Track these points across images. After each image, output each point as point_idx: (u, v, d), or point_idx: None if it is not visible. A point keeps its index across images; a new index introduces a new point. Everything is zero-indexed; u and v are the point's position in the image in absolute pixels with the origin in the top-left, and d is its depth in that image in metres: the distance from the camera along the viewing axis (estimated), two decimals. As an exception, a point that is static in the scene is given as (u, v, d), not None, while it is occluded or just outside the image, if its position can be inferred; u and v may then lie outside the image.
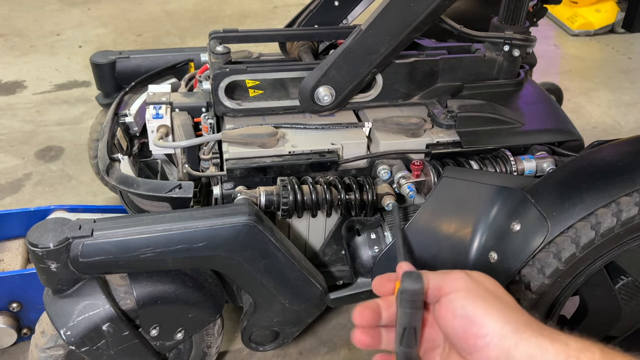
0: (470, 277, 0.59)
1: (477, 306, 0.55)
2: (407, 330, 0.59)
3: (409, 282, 0.59)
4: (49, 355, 1.00)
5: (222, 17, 3.15)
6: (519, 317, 0.54)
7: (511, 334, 0.53)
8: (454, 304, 0.57)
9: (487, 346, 0.53)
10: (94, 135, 1.51)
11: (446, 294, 0.58)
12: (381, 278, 0.67)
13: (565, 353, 0.50)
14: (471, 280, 0.59)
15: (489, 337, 0.53)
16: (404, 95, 1.21)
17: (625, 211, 0.88)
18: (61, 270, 0.90)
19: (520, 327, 0.53)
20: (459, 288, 0.58)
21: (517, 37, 1.20)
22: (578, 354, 0.50)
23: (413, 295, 0.58)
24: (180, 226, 0.93)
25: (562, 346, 0.51)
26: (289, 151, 1.10)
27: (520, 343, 0.52)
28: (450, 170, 1.05)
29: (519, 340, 0.52)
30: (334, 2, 1.35)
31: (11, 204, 1.75)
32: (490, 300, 0.56)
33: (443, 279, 0.59)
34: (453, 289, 0.58)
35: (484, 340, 0.54)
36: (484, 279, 0.60)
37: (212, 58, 1.18)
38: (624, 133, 2.20)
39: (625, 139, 1.02)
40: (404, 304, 0.59)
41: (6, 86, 2.39)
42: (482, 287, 0.58)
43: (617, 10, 2.97)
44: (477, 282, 0.59)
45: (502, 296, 0.58)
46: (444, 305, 0.58)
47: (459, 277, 0.59)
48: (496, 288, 0.59)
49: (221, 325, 1.15)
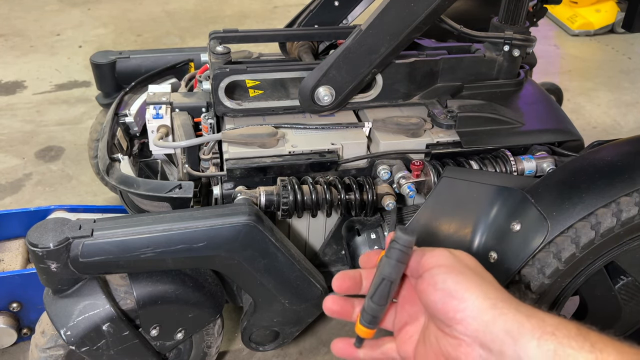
0: (452, 254, 0.61)
1: (458, 281, 0.57)
2: (384, 282, 0.61)
3: (402, 232, 0.60)
4: (49, 355, 1.00)
5: (222, 17, 3.15)
6: (498, 293, 0.56)
7: (489, 309, 0.54)
8: (435, 278, 0.58)
9: (465, 319, 0.55)
10: (94, 135, 1.51)
11: (429, 269, 0.60)
12: (369, 253, 0.69)
13: (542, 329, 0.51)
14: (453, 257, 0.60)
15: (467, 310, 0.55)
16: (404, 95, 1.21)
17: (625, 211, 0.88)
18: (61, 270, 0.90)
19: (499, 302, 0.54)
20: (441, 263, 0.59)
21: (517, 37, 1.20)
22: (554, 330, 0.51)
23: (404, 246, 0.60)
24: (180, 226, 0.93)
25: (538, 322, 0.52)
26: (289, 151, 1.10)
27: (498, 318, 0.53)
28: (450, 170, 1.05)
29: (497, 315, 0.53)
30: (334, 2, 1.35)
31: (11, 204, 1.75)
32: (470, 277, 0.57)
33: (426, 254, 0.61)
34: (435, 264, 0.60)
35: (463, 314, 0.55)
36: (465, 257, 0.62)
37: (212, 58, 1.18)
38: (624, 133, 2.20)
39: (625, 139, 1.02)
40: (392, 253, 0.60)
41: (6, 86, 2.39)
42: (464, 264, 0.60)
43: (617, 10, 2.97)
44: (459, 259, 0.60)
45: (482, 274, 0.60)
46: (426, 279, 0.59)
47: (441, 254, 0.61)
48: (477, 266, 0.61)
49: (221, 325, 1.15)
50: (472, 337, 0.54)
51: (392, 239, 0.61)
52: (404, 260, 0.61)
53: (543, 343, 0.50)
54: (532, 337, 0.51)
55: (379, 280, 0.61)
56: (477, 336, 0.54)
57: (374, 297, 0.61)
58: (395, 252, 0.60)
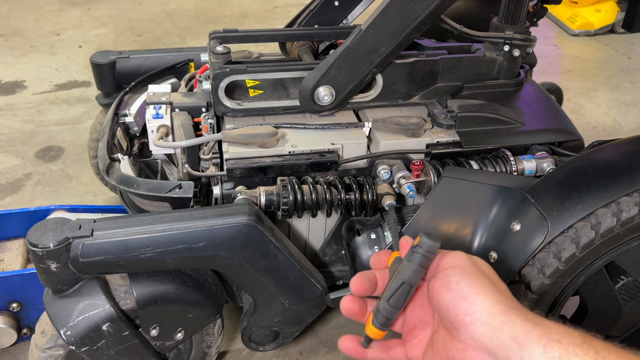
0: (469, 257, 0.62)
1: (471, 284, 0.58)
2: (404, 285, 0.61)
3: (428, 237, 0.60)
4: (49, 355, 1.00)
5: (222, 17, 3.15)
6: (509, 301, 0.57)
7: (499, 314, 0.55)
8: (449, 279, 0.59)
9: (474, 323, 0.55)
10: (94, 135, 1.51)
11: (444, 269, 0.60)
12: (379, 254, 0.70)
13: (548, 336, 0.52)
14: (469, 260, 0.61)
15: (477, 314, 0.55)
16: (404, 95, 1.21)
17: (625, 211, 0.88)
18: (61, 270, 0.90)
19: (509, 309, 0.55)
20: (457, 265, 0.60)
21: (517, 37, 1.20)
22: (560, 337, 0.52)
23: (427, 251, 0.60)
24: (180, 226, 0.93)
25: (544, 329, 0.53)
26: (289, 151, 1.10)
27: (506, 324, 0.54)
28: (450, 170, 1.05)
29: (505, 322, 0.54)
30: (334, 2, 1.35)
31: (11, 204, 1.75)
32: (484, 282, 0.58)
33: (443, 255, 0.62)
34: (451, 265, 0.60)
35: (473, 317, 0.56)
36: (481, 263, 0.62)
37: (212, 58, 1.18)
38: (624, 133, 2.20)
39: (625, 139, 1.02)
40: (414, 258, 0.60)
41: (6, 86, 2.39)
42: (479, 269, 0.60)
43: (617, 10, 2.97)
44: (475, 264, 0.61)
45: (496, 281, 0.60)
46: (440, 278, 0.60)
47: (458, 256, 0.61)
48: (492, 274, 0.62)
49: (221, 325, 1.15)
50: (479, 342, 0.55)
51: (416, 243, 0.61)
52: (425, 265, 0.61)
53: (549, 350, 0.51)
54: (538, 344, 0.51)
55: (398, 284, 0.61)
56: (484, 341, 0.54)
57: (390, 300, 0.61)
58: (419, 256, 0.60)
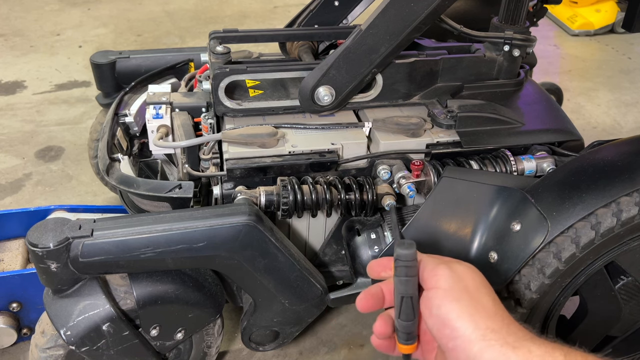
0: (453, 276, 0.61)
1: (451, 309, 0.58)
2: (405, 299, 0.61)
3: (401, 248, 0.61)
4: (49, 355, 1.00)
5: (222, 17, 3.15)
6: (489, 322, 0.57)
7: (478, 340, 0.56)
8: (431, 302, 0.60)
9: (455, 349, 0.57)
10: (94, 135, 1.51)
11: (428, 289, 0.61)
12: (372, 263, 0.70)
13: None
14: (452, 279, 0.61)
15: (458, 340, 0.57)
16: (404, 95, 1.21)
17: (625, 211, 0.88)
18: (61, 270, 0.90)
19: (489, 333, 0.56)
20: (439, 286, 0.60)
21: (517, 37, 1.20)
22: None
23: (406, 261, 0.60)
24: (180, 226, 0.93)
25: (525, 353, 0.54)
26: (289, 151, 1.10)
27: (486, 350, 0.55)
28: (450, 170, 1.05)
29: (485, 347, 0.55)
30: (334, 2, 1.35)
31: (11, 204, 1.75)
32: (464, 304, 0.58)
33: (431, 271, 0.62)
34: (434, 285, 0.61)
35: (454, 343, 0.57)
36: (466, 275, 0.62)
37: (212, 58, 1.18)
38: (624, 133, 2.20)
39: (625, 139, 1.02)
40: (399, 271, 0.61)
41: (6, 86, 2.39)
42: (462, 287, 0.60)
43: (617, 10, 2.97)
44: (460, 280, 0.61)
45: (480, 297, 0.60)
46: (424, 301, 0.61)
47: (442, 275, 0.61)
48: (476, 287, 0.61)
49: (221, 325, 1.15)
50: None
51: (394, 257, 0.62)
52: (413, 274, 0.61)
53: None
54: None
55: (399, 300, 0.62)
56: None
57: (401, 316, 0.62)
58: (402, 269, 0.61)
